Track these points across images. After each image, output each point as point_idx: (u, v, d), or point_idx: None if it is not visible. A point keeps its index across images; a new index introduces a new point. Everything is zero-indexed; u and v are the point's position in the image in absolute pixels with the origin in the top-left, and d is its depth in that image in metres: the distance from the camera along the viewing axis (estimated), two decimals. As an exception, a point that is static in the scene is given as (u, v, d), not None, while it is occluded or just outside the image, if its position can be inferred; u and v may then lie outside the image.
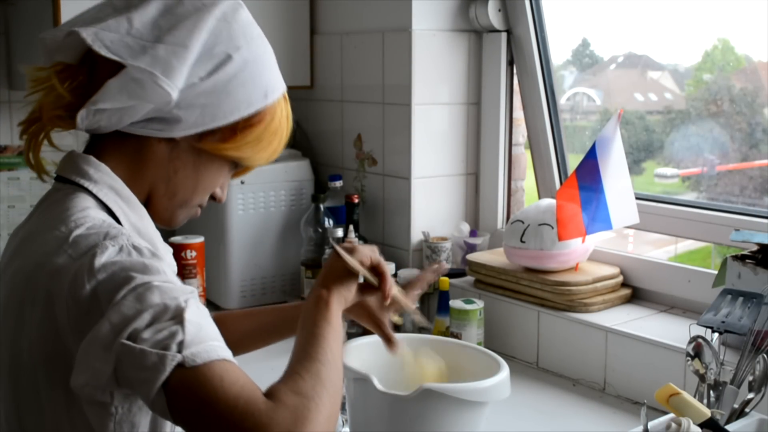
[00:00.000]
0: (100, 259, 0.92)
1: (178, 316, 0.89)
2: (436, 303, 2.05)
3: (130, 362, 0.87)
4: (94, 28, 1.00)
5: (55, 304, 0.92)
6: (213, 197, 1.18)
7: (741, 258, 1.61)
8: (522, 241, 1.94)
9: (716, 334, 1.39)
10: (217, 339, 0.92)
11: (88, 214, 0.99)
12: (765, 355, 1.35)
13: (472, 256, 2.11)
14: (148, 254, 0.95)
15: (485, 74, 2.28)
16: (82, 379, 0.90)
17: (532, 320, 1.94)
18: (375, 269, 1.19)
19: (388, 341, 1.31)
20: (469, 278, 2.12)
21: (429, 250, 2.21)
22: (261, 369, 1.14)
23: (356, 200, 2.28)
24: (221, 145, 1.09)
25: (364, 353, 1.45)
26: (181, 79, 1.01)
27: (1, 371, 1.02)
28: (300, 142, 2.58)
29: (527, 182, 2.34)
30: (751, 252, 1.63)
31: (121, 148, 1.07)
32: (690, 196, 2.14)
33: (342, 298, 1.13)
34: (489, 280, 2.04)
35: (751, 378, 1.35)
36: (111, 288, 0.90)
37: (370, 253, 1.18)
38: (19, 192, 2.29)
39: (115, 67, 1.00)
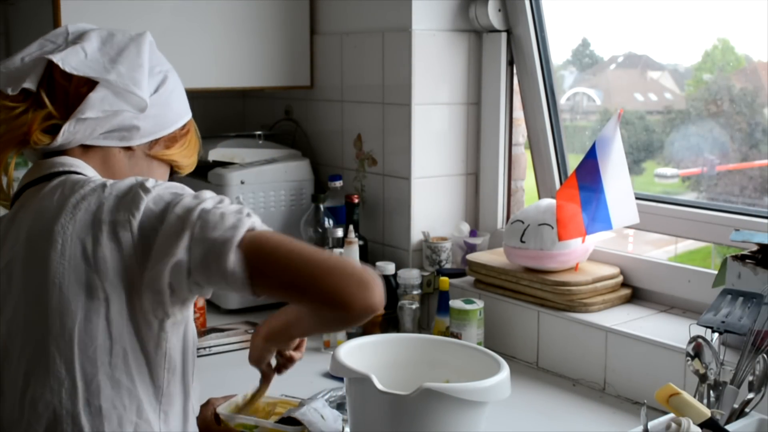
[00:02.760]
0: (149, 184, 1.08)
1: (234, 201, 1.10)
2: (436, 303, 2.05)
3: (208, 228, 1.02)
4: (60, 54, 1.16)
5: (117, 230, 1.04)
6: None
7: (741, 258, 1.61)
8: (522, 241, 1.94)
9: (716, 334, 1.39)
10: None
11: (101, 177, 1.16)
12: (765, 355, 1.35)
13: (472, 256, 2.11)
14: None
15: (485, 74, 2.28)
16: (156, 284, 1.03)
17: (532, 320, 1.94)
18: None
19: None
20: (469, 278, 2.12)
21: (429, 250, 2.21)
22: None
23: (356, 200, 2.28)
24: (167, 151, 1.28)
25: (364, 353, 1.46)
26: (145, 87, 1.20)
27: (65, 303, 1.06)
28: (300, 142, 2.58)
29: (527, 182, 2.34)
30: (751, 252, 1.63)
31: (88, 159, 1.20)
32: (690, 196, 2.14)
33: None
34: (489, 280, 2.04)
35: (751, 378, 1.35)
36: (168, 198, 1.06)
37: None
38: (19, 192, 2.28)
39: (87, 85, 1.17)
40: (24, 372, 1.06)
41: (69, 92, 1.18)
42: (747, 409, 1.34)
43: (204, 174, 2.32)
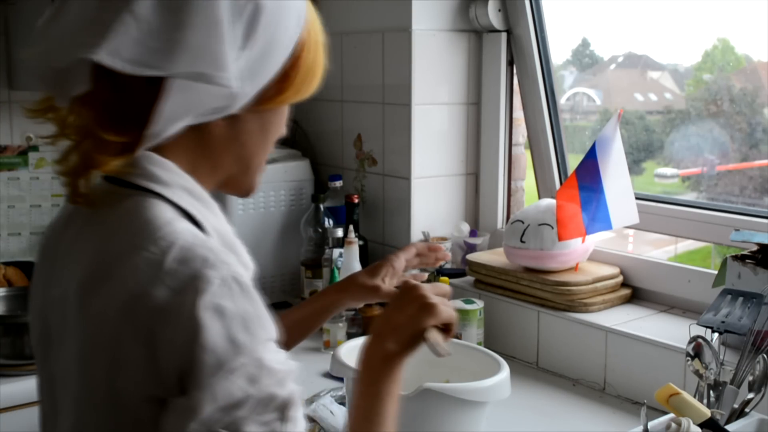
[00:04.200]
0: (203, 299, 0.81)
1: (282, 410, 0.84)
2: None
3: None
4: (105, 43, 0.82)
5: (158, 347, 0.82)
6: None
7: (741, 258, 1.61)
8: (522, 241, 1.94)
9: (716, 334, 1.39)
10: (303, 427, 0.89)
11: (175, 229, 0.86)
12: (765, 355, 1.35)
13: (472, 256, 2.11)
14: (251, 291, 0.86)
15: (485, 74, 2.28)
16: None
17: (532, 320, 1.94)
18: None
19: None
20: (469, 278, 2.11)
21: (429, 250, 2.21)
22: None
23: (356, 200, 2.28)
24: (281, 96, 0.96)
25: (364, 353, 1.45)
26: (229, 60, 0.86)
27: (84, 406, 0.90)
28: (300, 142, 2.58)
29: (527, 182, 2.34)
30: (751, 252, 1.63)
31: (179, 142, 0.92)
32: (690, 196, 2.14)
33: (407, 358, 1.07)
34: (489, 280, 2.04)
35: (751, 378, 1.35)
36: (220, 353, 0.81)
37: (448, 313, 1.10)
38: (19, 192, 2.29)
39: (149, 80, 0.85)
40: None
41: (134, 89, 0.88)
42: (747, 409, 1.34)
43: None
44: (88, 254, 0.90)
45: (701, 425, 1.23)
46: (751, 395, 1.34)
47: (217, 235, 0.93)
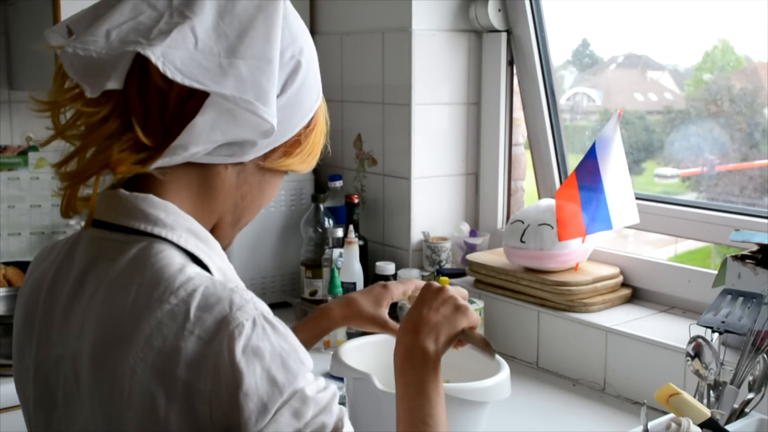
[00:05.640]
0: (239, 345, 0.79)
1: None
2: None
3: None
4: (160, 46, 0.81)
5: (194, 398, 0.80)
6: None
7: (741, 258, 1.61)
8: (522, 241, 1.94)
9: (716, 334, 1.39)
10: None
11: (190, 275, 0.84)
12: (765, 355, 1.35)
13: (472, 256, 2.11)
14: (280, 326, 0.85)
15: (485, 74, 2.28)
16: None
17: (532, 320, 1.94)
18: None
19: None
20: (469, 278, 2.11)
21: (429, 250, 2.21)
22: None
23: (356, 200, 2.28)
24: (287, 160, 0.98)
25: (365, 353, 1.46)
26: (273, 99, 0.86)
27: None
28: (300, 142, 2.57)
29: (527, 182, 2.34)
30: (751, 252, 1.63)
31: (183, 180, 0.90)
32: (690, 196, 2.14)
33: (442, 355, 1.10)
34: (489, 280, 2.04)
35: (751, 378, 1.35)
36: (263, 396, 0.80)
37: (476, 316, 1.17)
38: (19, 192, 2.29)
39: (193, 96, 0.84)
40: None
41: (168, 101, 0.85)
42: (747, 409, 1.34)
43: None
44: (98, 312, 0.85)
45: (701, 425, 1.23)
46: (751, 395, 1.34)
47: (221, 275, 0.91)
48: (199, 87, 0.82)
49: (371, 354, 1.46)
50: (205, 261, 0.89)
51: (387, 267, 2.12)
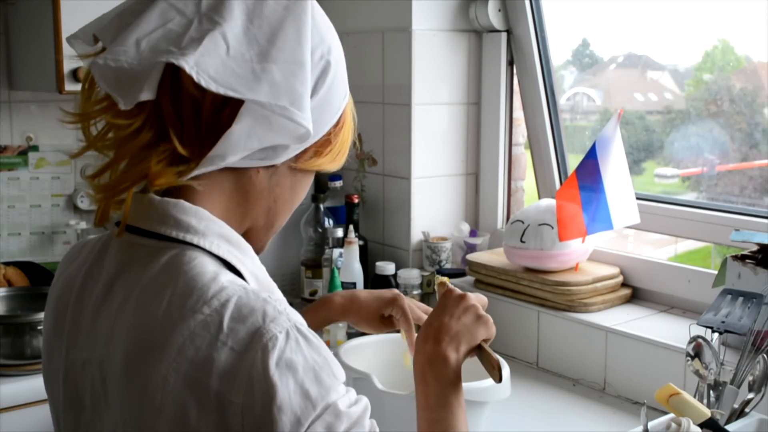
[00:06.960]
0: (273, 358, 0.79)
1: None
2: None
3: None
4: (193, 55, 0.80)
5: (226, 410, 0.79)
6: None
7: (741, 258, 1.61)
8: (522, 241, 1.94)
9: (716, 334, 1.39)
10: None
11: (223, 284, 0.83)
12: (765, 355, 1.35)
13: (472, 256, 2.11)
14: (313, 338, 0.84)
15: (485, 74, 2.28)
16: None
17: (532, 320, 1.94)
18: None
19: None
20: (469, 278, 2.11)
21: (429, 250, 2.21)
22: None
23: (356, 200, 2.28)
24: (318, 160, 0.97)
25: (364, 353, 1.46)
26: (307, 102, 0.86)
27: None
28: (300, 142, 2.57)
29: (527, 182, 2.34)
30: (751, 252, 1.63)
31: (215, 184, 0.89)
32: (690, 196, 2.14)
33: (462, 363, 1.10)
34: (489, 280, 2.04)
35: (751, 378, 1.35)
36: (297, 410, 0.79)
37: (494, 328, 1.17)
38: (19, 192, 2.28)
39: (227, 104, 0.84)
40: None
41: (202, 109, 0.85)
42: (747, 409, 1.34)
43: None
44: (130, 320, 0.84)
45: (701, 425, 1.23)
46: (751, 395, 1.34)
47: (254, 279, 0.90)
48: (234, 95, 0.81)
49: (371, 354, 1.46)
50: (238, 267, 0.88)
51: (387, 267, 2.12)
